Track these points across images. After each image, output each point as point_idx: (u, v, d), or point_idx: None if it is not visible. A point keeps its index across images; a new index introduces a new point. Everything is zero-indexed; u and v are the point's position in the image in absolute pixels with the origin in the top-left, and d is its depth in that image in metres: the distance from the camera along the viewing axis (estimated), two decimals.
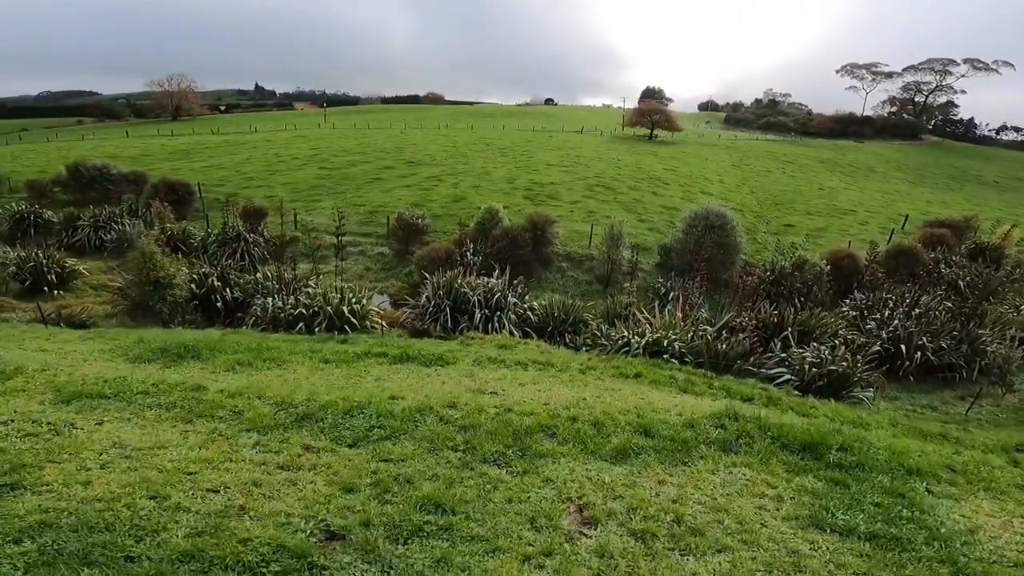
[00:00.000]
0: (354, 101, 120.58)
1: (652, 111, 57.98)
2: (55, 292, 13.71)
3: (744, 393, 6.74)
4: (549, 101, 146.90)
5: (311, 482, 3.83)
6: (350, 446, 4.40)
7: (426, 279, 12.95)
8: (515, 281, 13.18)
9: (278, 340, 7.31)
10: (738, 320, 10.87)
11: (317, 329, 10.06)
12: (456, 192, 26.03)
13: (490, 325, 11.43)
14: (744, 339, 9.82)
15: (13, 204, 21.81)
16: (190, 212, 23.02)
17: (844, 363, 9.19)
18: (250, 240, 17.04)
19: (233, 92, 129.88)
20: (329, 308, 10.40)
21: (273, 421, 4.71)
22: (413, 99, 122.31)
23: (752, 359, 9.76)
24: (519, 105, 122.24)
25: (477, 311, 11.69)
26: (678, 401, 5.86)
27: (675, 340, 9.51)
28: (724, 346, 9.54)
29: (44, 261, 14.02)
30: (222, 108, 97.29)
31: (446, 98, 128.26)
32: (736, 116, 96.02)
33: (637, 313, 11.17)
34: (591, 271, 18.03)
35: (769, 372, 9.38)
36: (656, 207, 25.82)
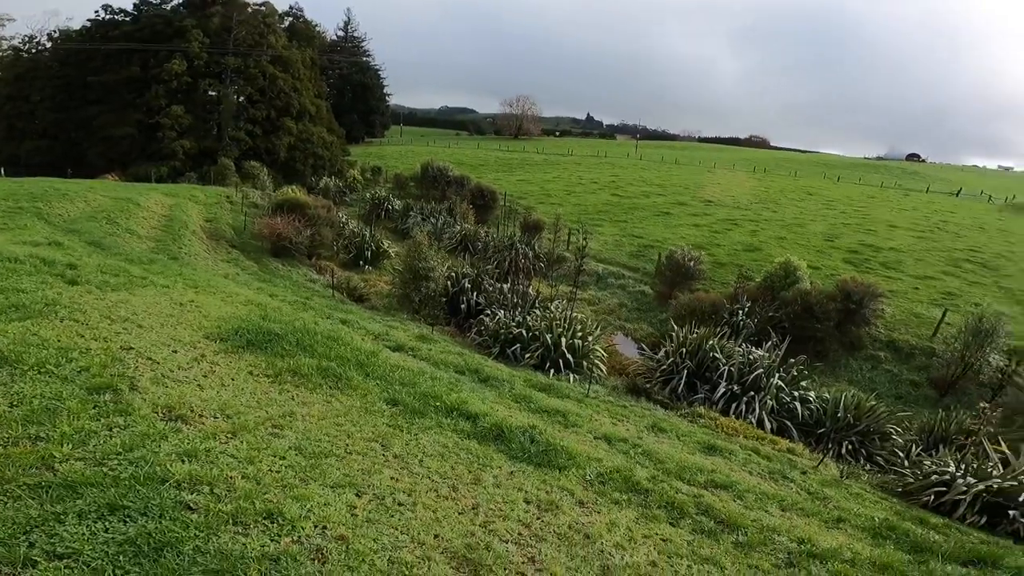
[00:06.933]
0: (671, 138, 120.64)
1: None
2: (366, 267, 16.56)
3: None
4: (913, 156, 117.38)
5: None
6: None
7: (673, 330, 10.68)
8: (792, 359, 9.85)
9: (420, 358, 6.25)
10: None
11: (527, 356, 9.06)
12: (752, 240, 22.20)
13: (735, 406, 8.62)
14: None
15: (381, 191, 28.32)
16: (490, 217, 25.66)
17: None
18: (519, 251, 17.51)
19: (568, 120, 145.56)
20: (548, 337, 9.29)
21: None
22: (732, 141, 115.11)
23: None
24: (869, 159, 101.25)
25: (722, 384, 8.96)
26: None
27: None
28: None
29: (367, 240, 17.11)
30: (556, 133, 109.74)
31: (771, 144, 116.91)
32: None
33: (985, 443, 7.07)
34: (924, 371, 12.95)
35: None
36: None
